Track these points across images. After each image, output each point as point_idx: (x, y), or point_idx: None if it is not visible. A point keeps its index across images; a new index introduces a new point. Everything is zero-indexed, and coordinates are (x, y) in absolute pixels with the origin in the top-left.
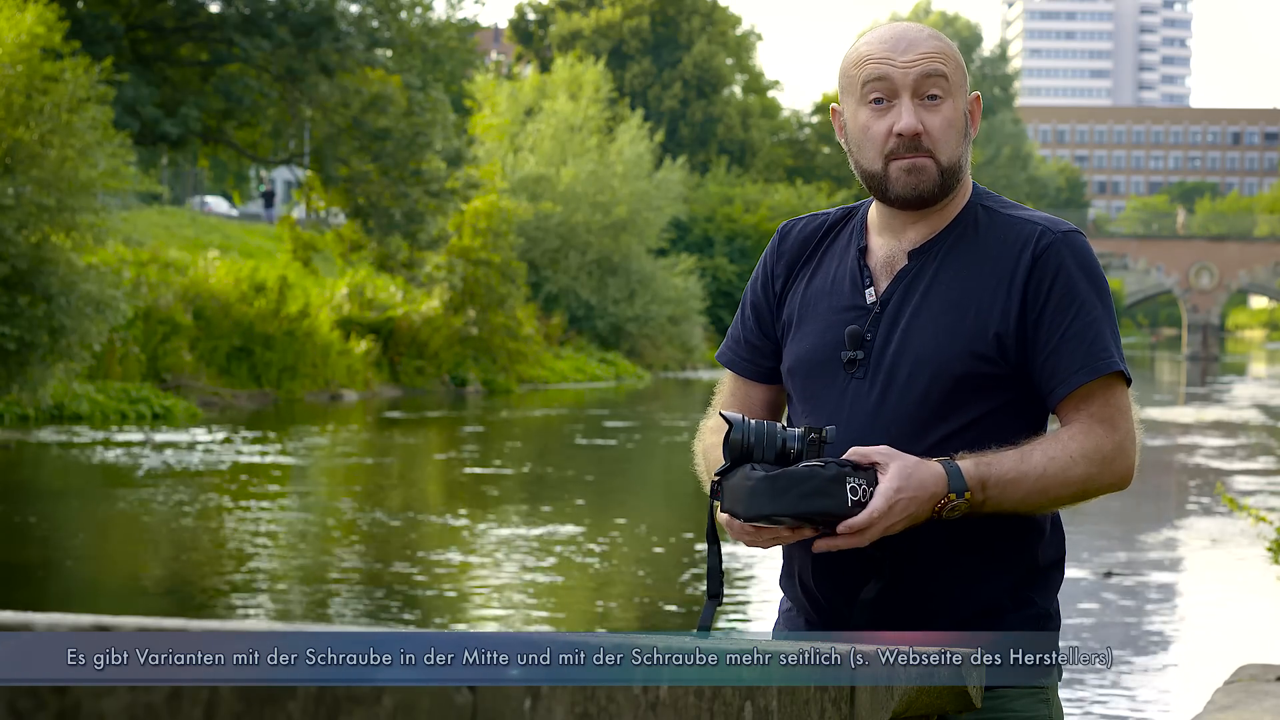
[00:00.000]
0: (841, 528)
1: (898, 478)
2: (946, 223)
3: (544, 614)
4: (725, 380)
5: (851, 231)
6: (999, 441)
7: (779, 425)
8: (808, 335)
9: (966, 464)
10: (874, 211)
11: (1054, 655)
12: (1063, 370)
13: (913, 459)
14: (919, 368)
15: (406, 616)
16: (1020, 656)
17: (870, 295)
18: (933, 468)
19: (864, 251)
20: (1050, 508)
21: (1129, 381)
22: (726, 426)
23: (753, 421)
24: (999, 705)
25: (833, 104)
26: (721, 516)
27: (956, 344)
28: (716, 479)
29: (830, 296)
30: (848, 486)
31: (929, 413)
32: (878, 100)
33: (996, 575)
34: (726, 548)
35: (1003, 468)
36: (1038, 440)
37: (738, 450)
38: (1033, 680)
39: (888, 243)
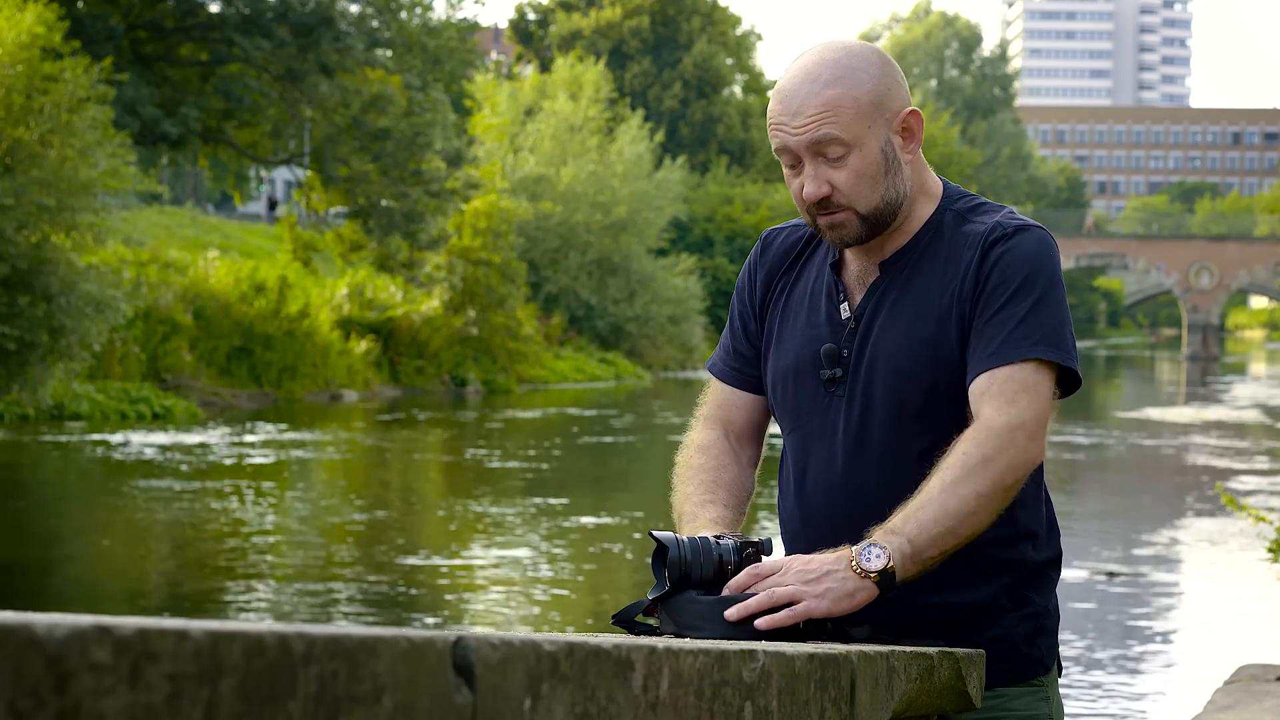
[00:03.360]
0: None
1: (786, 560)
2: (915, 231)
3: (544, 613)
4: (712, 389)
5: (828, 244)
6: None
7: (712, 540)
8: (786, 352)
9: (875, 531)
10: None
11: (1053, 653)
12: (975, 355)
13: (804, 559)
14: (892, 380)
15: (407, 615)
16: (1019, 654)
17: (845, 310)
18: (825, 558)
19: (837, 266)
20: (989, 512)
21: (1077, 378)
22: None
23: (687, 540)
24: (999, 704)
25: None
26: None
27: (925, 352)
28: (653, 600)
29: (808, 311)
30: None
31: (910, 425)
32: (789, 164)
33: (993, 576)
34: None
35: (905, 508)
36: (936, 467)
37: (676, 572)
38: (1032, 677)
39: (859, 255)
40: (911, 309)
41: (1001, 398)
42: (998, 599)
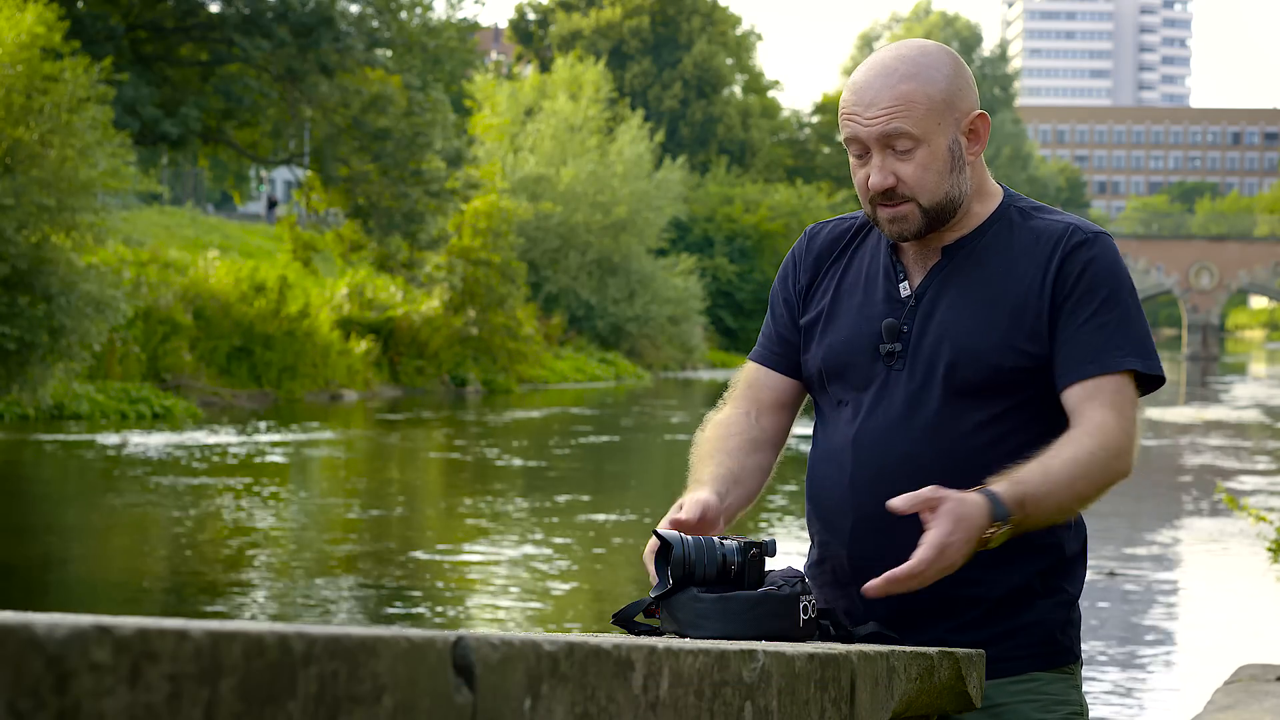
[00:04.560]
0: (890, 575)
1: (948, 524)
2: (979, 223)
3: (544, 613)
4: (744, 372)
5: (881, 231)
6: (1027, 431)
7: (716, 540)
8: (841, 329)
9: (1002, 488)
10: None
11: (1079, 644)
12: (1074, 360)
13: (956, 497)
14: (959, 359)
15: (407, 615)
16: (1054, 640)
17: (905, 289)
18: (976, 503)
19: (895, 247)
20: (1079, 508)
21: (1162, 380)
22: (678, 512)
23: (690, 539)
24: (1035, 687)
25: None
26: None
27: (995, 336)
28: (655, 598)
29: (863, 291)
30: (800, 606)
31: (967, 401)
32: (856, 154)
33: (1032, 558)
34: None
35: (1033, 483)
36: (1053, 447)
37: (679, 570)
38: (1063, 664)
39: (919, 241)
40: (981, 294)
41: (1115, 409)
42: (1033, 582)
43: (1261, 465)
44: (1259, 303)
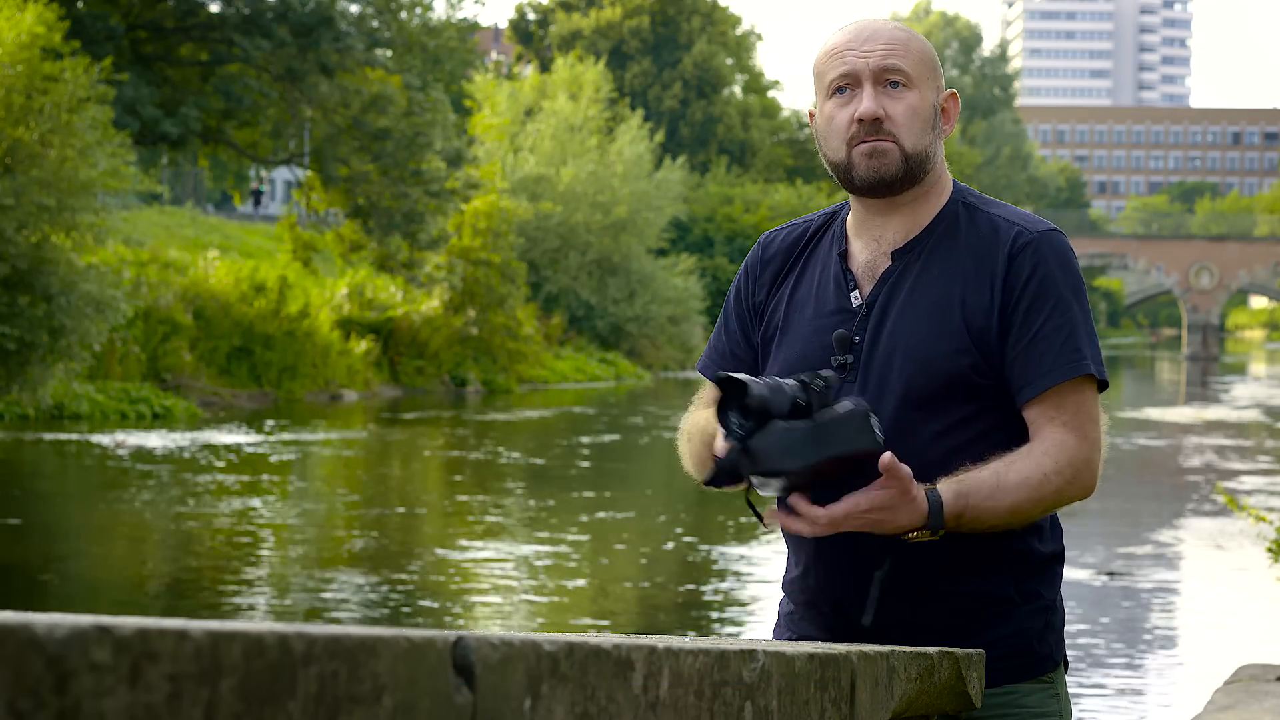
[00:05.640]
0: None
1: (882, 512)
2: (927, 222)
3: (544, 613)
4: (705, 392)
5: (832, 237)
6: (988, 439)
7: (779, 380)
8: (795, 342)
9: (948, 495)
10: (852, 214)
11: (1060, 649)
12: (1032, 371)
13: (912, 495)
14: (909, 367)
15: (407, 615)
16: (1031, 650)
17: (856, 299)
18: (918, 509)
19: (844, 255)
20: (1021, 523)
21: (1105, 385)
22: (719, 394)
23: (761, 379)
24: (1012, 700)
25: (810, 108)
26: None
27: (944, 343)
28: (739, 442)
29: (816, 303)
30: (872, 422)
31: (921, 412)
32: (841, 90)
33: (1003, 565)
34: (737, 549)
35: (980, 495)
36: (1012, 459)
37: (759, 407)
38: (1043, 674)
39: (868, 245)
40: (931, 299)
41: (1077, 429)
42: (1007, 589)
43: (1261, 465)
44: (1259, 303)
